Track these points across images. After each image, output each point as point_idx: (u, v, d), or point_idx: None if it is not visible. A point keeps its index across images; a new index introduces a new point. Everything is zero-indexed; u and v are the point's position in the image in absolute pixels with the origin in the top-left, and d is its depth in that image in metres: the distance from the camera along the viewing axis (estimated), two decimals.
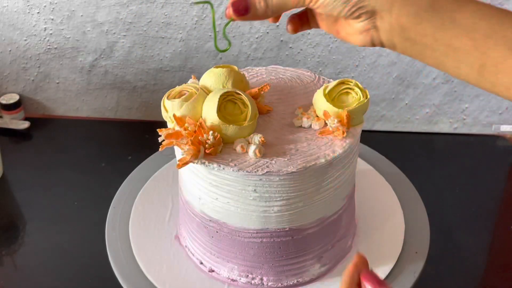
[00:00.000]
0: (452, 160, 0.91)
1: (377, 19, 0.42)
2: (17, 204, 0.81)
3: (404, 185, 0.74)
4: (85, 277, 0.68)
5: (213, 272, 0.61)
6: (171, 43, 0.92)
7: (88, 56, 0.94)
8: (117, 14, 0.89)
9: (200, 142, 0.52)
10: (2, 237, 0.74)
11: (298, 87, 0.63)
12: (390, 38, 0.42)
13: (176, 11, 0.88)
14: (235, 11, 0.45)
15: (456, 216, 0.79)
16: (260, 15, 0.45)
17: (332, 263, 0.62)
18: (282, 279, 0.60)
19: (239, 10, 0.45)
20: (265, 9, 0.45)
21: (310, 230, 0.57)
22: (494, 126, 0.95)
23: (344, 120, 0.54)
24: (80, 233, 0.74)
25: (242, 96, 0.54)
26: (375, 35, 0.43)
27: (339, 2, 0.42)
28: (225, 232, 0.57)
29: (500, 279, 0.70)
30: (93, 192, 0.81)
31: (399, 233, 0.66)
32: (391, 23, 0.41)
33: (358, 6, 0.41)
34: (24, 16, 0.91)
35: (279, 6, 0.44)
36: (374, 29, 0.43)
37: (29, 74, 0.97)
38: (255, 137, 0.53)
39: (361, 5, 0.41)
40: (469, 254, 0.73)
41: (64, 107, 1.00)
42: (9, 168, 0.86)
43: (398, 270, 0.62)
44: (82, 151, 0.91)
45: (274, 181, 0.52)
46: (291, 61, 0.93)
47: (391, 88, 0.94)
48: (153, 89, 0.97)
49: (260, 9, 0.45)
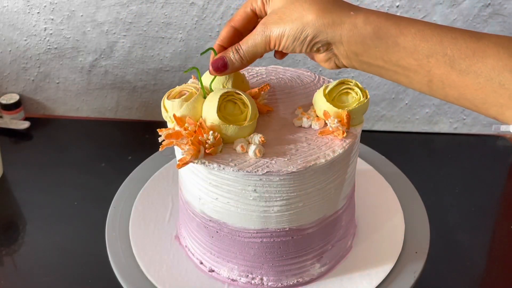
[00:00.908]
0: (452, 160, 0.91)
1: (334, 49, 0.48)
2: (17, 204, 0.81)
3: (404, 185, 0.74)
4: (85, 277, 0.68)
5: (213, 272, 0.61)
6: (171, 43, 0.92)
7: (88, 56, 0.94)
8: (117, 14, 0.89)
9: (200, 142, 0.52)
10: (2, 237, 0.74)
11: (298, 87, 0.63)
12: (349, 62, 0.49)
13: (176, 11, 0.88)
14: (215, 69, 0.52)
15: (456, 216, 0.79)
16: (238, 67, 0.52)
17: (332, 263, 0.62)
18: (282, 279, 0.60)
19: (219, 68, 0.52)
20: (240, 61, 0.51)
21: (310, 230, 0.57)
22: (494, 126, 0.95)
23: (344, 120, 0.54)
24: (80, 233, 0.74)
25: (242, 96, 0.54)
26: (337, 61, 0.49)
27: (297, 43, 0.48)
28: (225, 232, 0.57)
29: (500, 279, 0.70)
30: (93, 192, 0.81)
31: (399, 233, 0.66)
32: (345, 50, 0.47)
33: (314, 42, 0.48)
34: (24, 16, 0.91)
35: (252, 54, 0.51)
36: (334, 57, 0.49)
37: (29, 74, 0.97)
38: (255, 137, 0.53)
39: (316, 41, 0.47)
40: (469, 254, 0.73)
41: (64, 107, 1.00)
42: (9, 168, 0.86)
43: (398, 270, 0.62)
44: (82, 151, 0.91)
45: (274, 181, 0.52)
46: (291, 61, 0.93)
47: (391, 88, 0.94)
48: (153, 89, 0.97)
49: (237, 62, 0.51)
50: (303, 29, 0.47)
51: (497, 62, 0.42)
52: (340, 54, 0.48)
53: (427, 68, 0.45)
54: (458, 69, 0.43)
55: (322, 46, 0.48)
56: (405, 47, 0.45)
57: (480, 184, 0.86)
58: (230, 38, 0.53)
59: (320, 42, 0.47)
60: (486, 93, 0.43)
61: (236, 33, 0.53)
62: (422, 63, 0.45)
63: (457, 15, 0.86)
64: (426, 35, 0.44)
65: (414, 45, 0.45)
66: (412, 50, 0.45)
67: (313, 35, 0.47)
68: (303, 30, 0.47)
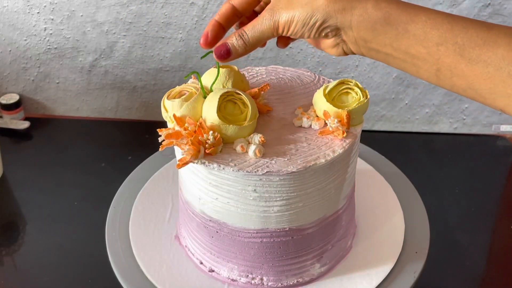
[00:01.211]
0: (452, 160, 0.91)
1: (343, 35, 0.47)
2: (17, 204, 0.81)
3: (404, 185, 0.74)
4: (85, 277, 0.68)
5: (213, 272, 0.61)
6: (171, 43, 0.92)
7: (88, 56, 0.94)
8: (117, 14, 0.89)
9: (200, 142, 0.52)
10: (2, 237, 0.74)
11: (298, 87, 0.63)
12: (357, 49, 0.48)
13: (176, 11, 0.88)
14: (218, 57, 0.51)
15: (456, 216, 0.79)
16: (242, 53, 0.51)
17: (332, 263, 0.62)
18: (282, 279, 0.60)
19: (222, 55, 0.51)
20: (244, 47, 0.50)
21: (310, 230, 0.57)
22: (494, 126, 0.95)
23: (344, 120, 0.54)
24: (80, 233, 0.74)
25: (242, 96, 0.54)
26: (345, 47, 0.49)
27: (306, 28, 0.47)
28: (225, 232, 0.57)
29: (500, 279, 0.70)
30: (93, 192, 0.81)
31: (399, 233, 0.66)
32: (354, 36, 0.47)
33: (323, 27, 0.47)
34: (24, 16, 0.91)
35: (257, 40, 0.50)
36: (343, 43, 0.49)
37: (29, 74, 0.97)
38: (255, 137, 0.53)
39: (325, 26, 0.47)
40: (469, 254, 0.73)
41: (64, 107, 1.00)
42: (9, 168, 0.86)
43: (398, 270, 0.62)
44: (82, 151, 0.91)
45: (274, 181, 0.52)
46: (291, 61, 0.93)
47: (391, 88, 0.94)
48: (153, 89, 0.97)
49: (240, 48, 0.50)
50: (313, 14, 0.46)
51: (508, 52, 0.42)
52: (349, 40, 0.48)
53: (436, 56, 0.44)
54: (467, 58, 0.43)
55: (331, 31, 0.47)
56: (415, 34, 0.44)
57: (480, 184, 0.86)
58: (228, 16, 0.53)
59: (330, 27, 0.47)
60: (495, 83, 0.43)
61: (235, 12, 0.53)
62: (432, 51, 0.44)
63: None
64: (437, 23, 0.44)
65: (424, 32, 0.44)
66: (422, 38, 0.44)
67: (322, 20, 0.46)
68: (312, 15, 0.46)
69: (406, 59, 0.46)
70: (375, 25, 0.45)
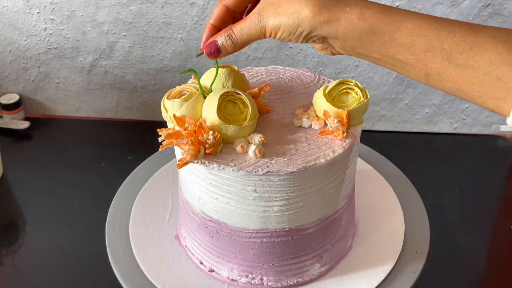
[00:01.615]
0: (452, 160, 0.91)
1: (330, 42, 0.48)
2: (17, 204, 0.81)
3: (404, 185, 0.74)
4: (85, 277, 0.68)
5: (213, 272, 0.61)
6: (171, 43, 0.92)
7: (88, 56, 0.94)
8: (117, 14, 0.89)
9: (200, 142, 0.52)
10: (2, 237, 0.74)
11: (298, 87, 0.63)
12: (346, 53, 0.49)
13: (176, 11, 0.88)
14: (208, 54, 0.52)
15: (456, 216, 0.79)
16: (231, 52, 0.52)
17: (332, 263, 0.62)
18: (282, 279, 0.60)
19: (212, 53, 0.52)
20: (233, 47, 0.51)
21: (310, 230, 0.57)
22: (494, 126, 0.95)
23: (344, 120, 0.54)
24: (80, 233, 0.74)
25: (242, 96, 0.54)
26: (333, 50, 0.50)
27: (293, 36, 0.48)
28: (225, 232, 0.57)
29: (500, 279, 0.70)
30: (93, 192, 0.81)
31: (399, 233, 0.66)
32: (341, 44, 0.48)
33: (309, 36, 0.48)
34: (24, 16, 0.91)
35: (245, 40, 0.51)
36: (331, 47, 0.49)
37: (29, 74, 0.97)
38: (255, 137, 0.53)
39: (311, 35, 0.48)
40: (469, 254, 0.73)
41: (64, 107, 1.00)
42: (9, 168, 0.86)
43: (398, 270, 0.62)
44: (82, 151, 0.91)
45: (274, 181, 0.52)
46: (291, 61, 0.93)
47: (391, 88, 0.94)
48: (153, 89, 0.97)
49: (229, 48, 0.51)
50: (299, 24, 0.47)
51: (495, 56, 0.42)
52: (337, 46, 0.48)
53: (424, 62, 0.45)
54: (455, 63, 0.43)
55: (318, 39, 0.48)
56: (402, 42, 0.45)
57: (480, 184, 0.86)
58: (222, 17, 0.54)
59: (316, 36, 0.48)
60: (484, 87, 0.43)
61: (229, 12, 0.54)
62: (419, 58, 0.45)
63: (457, 15, 0.86)
64: (423, 29, 0.44)
65: (411, 40, 0.44)
66: (409, 46, 0.45)
67: (309, 31, 0.47)
68: (298, 25, 0.47)
69: (395, 63, 0.47)
70: (361, 35, 0.46)
